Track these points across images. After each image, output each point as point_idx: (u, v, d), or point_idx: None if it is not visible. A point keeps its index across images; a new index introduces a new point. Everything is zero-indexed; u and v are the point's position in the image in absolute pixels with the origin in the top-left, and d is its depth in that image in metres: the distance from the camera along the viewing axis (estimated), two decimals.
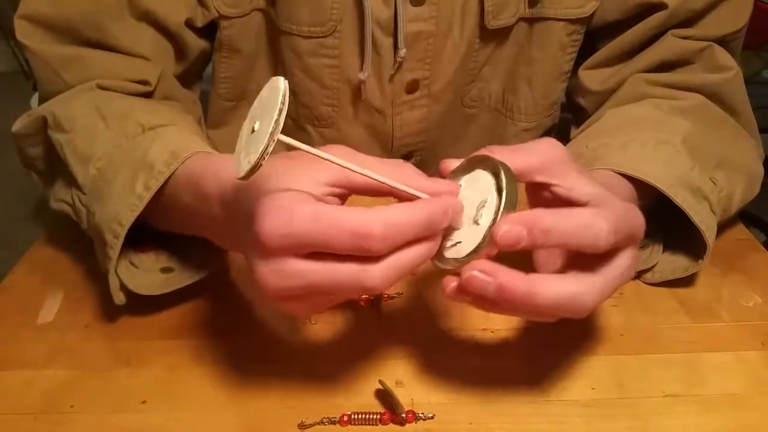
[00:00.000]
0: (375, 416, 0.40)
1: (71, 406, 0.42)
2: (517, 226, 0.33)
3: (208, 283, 0.49)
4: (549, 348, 0.46)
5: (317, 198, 0.34)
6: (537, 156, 0.39)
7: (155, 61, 0.57)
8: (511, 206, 0.34)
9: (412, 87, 0.63)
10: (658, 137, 0.50)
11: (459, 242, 0.36)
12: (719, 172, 0.50)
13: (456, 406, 0.42)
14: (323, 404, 0.42)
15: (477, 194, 0.36)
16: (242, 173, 0.30)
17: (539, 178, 0.39)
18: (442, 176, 0.39)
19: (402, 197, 0.35)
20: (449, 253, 0.36)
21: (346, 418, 0.40)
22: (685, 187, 0.47)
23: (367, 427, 0.40)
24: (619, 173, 0.46)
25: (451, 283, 0.35)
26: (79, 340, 0.48)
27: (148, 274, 0.48)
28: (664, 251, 0.52)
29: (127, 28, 0.55)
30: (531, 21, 0.62)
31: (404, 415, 0.40)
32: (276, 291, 0.33)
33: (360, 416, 0.40)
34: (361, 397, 0.42)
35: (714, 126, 0.54)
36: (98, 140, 0.48)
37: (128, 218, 0.44)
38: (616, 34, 0.61)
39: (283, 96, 0.30)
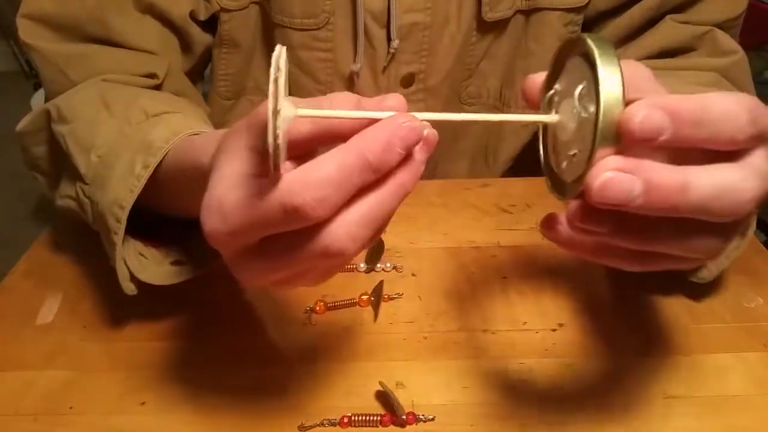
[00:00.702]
0: (375, 418, 0.40)
1: (70, 407, 0.42)
2: (657, 111, 0.25)
3: (208, 283, 0.49)
4: (549, 349, 0.46)
5: (256, 171, 0.29)
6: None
7: (162, 55, 0.56)
8: (614, 85, 0.25)
9: (408, 81, 0.63)
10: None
11: (574, 153, 0.28)
12: None
13: (456, 408, 0.41)
14: (323, 406, 0.42)
15: (576, 89, 0.28)
16: (272, 168, 0.25)
17: (631, 95, 0.29)
18: (529, 98, 0.32)
19: (346, 135, 0.28)
20: (568, 175, 0.28)
21: (346, 420, 0.40)
22: None
23: (368, 428, 0.40)
24: None
25: (575, 209, 0.27)
26: (78, 341, 0.48)
27: (158, 266, 0.46)
28: None
29: (131, 22, 0.54)
30: (527, 12, 0.62)
31: (405, 417, 0.40)
32: (255, 284, 0.31)
33: (360, 418, 0.40)
34: (362, 398, 0.42)
35: None
36: (101, 128, 0.47)
37: (128, 200, 0.42)
38: (610, 21, 0.61)
39: (276, 62, 0.24)
